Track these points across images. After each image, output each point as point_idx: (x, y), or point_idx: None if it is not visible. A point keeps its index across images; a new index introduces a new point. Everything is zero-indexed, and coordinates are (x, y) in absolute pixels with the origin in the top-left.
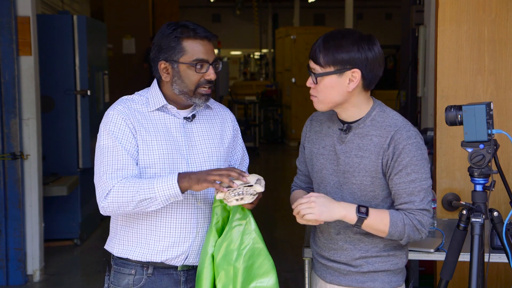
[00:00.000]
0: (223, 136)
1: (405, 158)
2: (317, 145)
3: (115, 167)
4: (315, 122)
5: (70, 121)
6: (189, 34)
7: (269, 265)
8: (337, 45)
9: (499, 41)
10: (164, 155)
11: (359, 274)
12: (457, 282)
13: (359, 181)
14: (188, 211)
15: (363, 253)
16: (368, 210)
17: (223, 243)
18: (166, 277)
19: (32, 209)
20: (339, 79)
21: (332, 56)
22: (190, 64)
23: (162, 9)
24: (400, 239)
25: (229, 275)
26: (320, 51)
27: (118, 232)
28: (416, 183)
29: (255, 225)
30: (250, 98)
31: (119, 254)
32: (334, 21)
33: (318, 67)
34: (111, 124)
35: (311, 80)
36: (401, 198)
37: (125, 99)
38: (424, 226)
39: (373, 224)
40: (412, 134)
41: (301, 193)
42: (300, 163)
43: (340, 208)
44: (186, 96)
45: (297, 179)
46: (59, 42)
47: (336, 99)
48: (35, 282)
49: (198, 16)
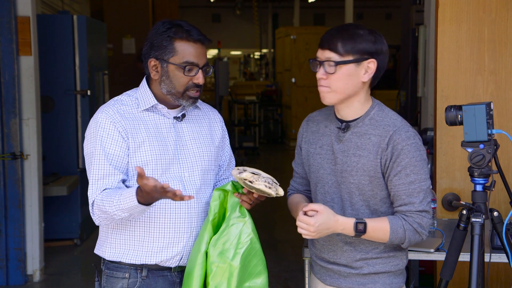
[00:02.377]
0: (213, 136)
1: (404, 159)
2: (314, 145)
3: (97, 177)
4: (312, 123)
5: (70, 121)
6: (182, 35)
7: (262, 266)
8: (356, 34)
9: (499, 41)
10: (156, 156)
11: (359, 276)
12: (457, 282)
13: (357, 180)
14: (181, 211)
15: (363, 254)
16: (366, 226)
17: (220, 240)
18: (161, 279)
19: (32, 209)
20: (356, 69)
21: (352, 44)
22: (179, 66)
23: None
24: (401, 244)
25: (224, 272)
26: (338, 39)
27: (110, 235)
28: (416, 184)
29: (253, 225)
30: (250, 98)
31: (111, 258)
32: (334, 21)
33: (337, 56)
34: (99, 129)
35: (322, 70)
36: (400, 200)
37: (114, 100)
38: (424, 228)
39: (373, 236)
40: (411, 134)
41: (298, 198)
42: (297, 165)
43: (337, 226)
44: (173, 97)
45: (294, 182)
46: (59, 42)
47: (349, 90)
48: (35, 282)
49: (198, 16)
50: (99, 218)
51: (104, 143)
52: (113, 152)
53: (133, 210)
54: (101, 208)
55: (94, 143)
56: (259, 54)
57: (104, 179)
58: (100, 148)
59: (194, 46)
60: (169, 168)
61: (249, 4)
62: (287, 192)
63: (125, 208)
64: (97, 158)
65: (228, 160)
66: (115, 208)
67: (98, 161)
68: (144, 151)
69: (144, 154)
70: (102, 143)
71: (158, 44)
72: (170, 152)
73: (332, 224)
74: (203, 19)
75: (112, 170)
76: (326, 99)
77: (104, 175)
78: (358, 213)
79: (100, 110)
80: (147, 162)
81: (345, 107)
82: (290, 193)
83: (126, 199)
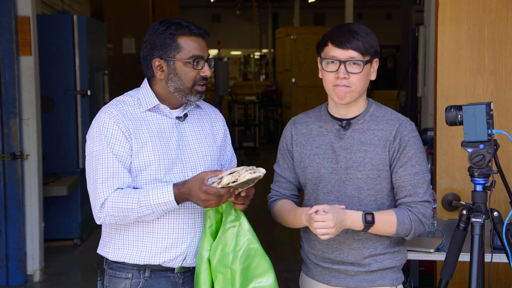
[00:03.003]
0: (215, 135)
1: (411, 150)
2: (309, 146)
3: (106, 175)
4: (300, 125)
5: (70, 121)
6: (183, 31)
7: (266, 264)
8: (368, 34)
9: (499, 41)
10: (159, 156)
11: (368, 274)
12: (457, 282)
13: (365, 175)
14: (185, 211)
15: (372, 251)
16: (373, 216)
17: (218, 246)
18: (163, 280)
19: (32, 209)
20: (369, 68)
21: (369, 44)
22: (187, 61)
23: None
24: (407, 235)
25: (227, 278)
26: (359, 39)
27: (113, 236)
28: (420, 175)
29: (248, 226)
30: (250, 98)
31: (114, 258)
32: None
33: (360, 55)
34: (103, 129)
35: (343, 69)
36: (405, 191)
37: (116, 101)
38: (428, 218)
39: (381, 228)
40: (413, 127)
41: (289, 204)
42: (282, 170)
43: (347, 220)
44: (181, 93)
45: (279, 187)
46: (59, 42)
47: (364, 88)
48: (35, 282)
49: (198, 16)
50: (108, 217)
51: (110, 143)
52: (118, 151)
53: (161, 207)
54: (117, 206)
55: (99, 142)
56: (259, 54)
57: (114, 178)
58: (107, 147)
59: (197, 40)
60: (173, 168)
61: (249, 4)
62: (269, 198)
63: (154, 204)
64: (105, 157)
65: (230, 159)
66: (141, 204)
67: (107, 160)
68: (147, 152)
69: (147, 155)
70: (109, 143)
71: (161, 43)
72: (173, 152)
73: (343, 217)
74: (203, 19)
75: (122, 169)
76: (347, 99)
77: (114, 174)
78: (366, 208)
79: (103, 110)
80: (150, 162)
81: (351, 105)
82: (274, 199)
83: (159, 195)
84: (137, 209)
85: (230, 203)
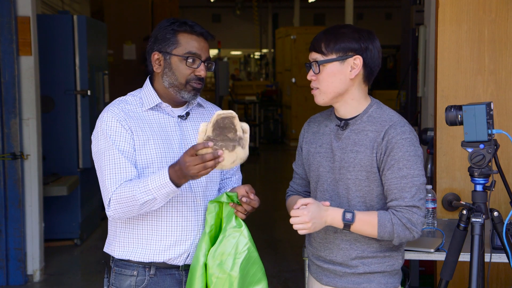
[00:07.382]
0: None
1: (398, 153)
2: (314, 144)
3: (114, 171)
4: (313, 124)
5: (70, 121)
6: (186, 28)
7: (261, 273)
8: (339, 33)
9: (499, 41)
10: (162, 155)
11: (355, 276)
12: (457, 282)
13: (354, 176)
14: (188, 208)
15: (359, 253)
16: (354, 215)
17: (218, 251)
18: (168, 277)
19: (32, 209)
20: (342, 66)
21: (334, 43)
22: (182, 57)
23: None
24: (391, 240)
25: (224, 283)
26: (322, 40)
27: (118, 234)
28: (408, 179)
29: (249, 235)
30: (250, 98)
31: (120, 256)
32: (334, 21)
33: (320, 56)
34: (106, 127)
35: (311, 72)
36: (392, 194)
37: (119, 100)
38: (415, 225)
39: (361, 228)
40: (406, 130)
41: (296, 199)
42: (297, 166)
43: (327, 216)
44: (175, 89)
45: (293, 183)
46: (59, 42)
47: (338, 88)
48: (35, 282)
49: (198, 16)
50: (116, 214)
51: (114, 140)
52: (124, 147)
53: (160, 191)
54: (122, 196)
55: (104, 141)
56: (259, 54)
57: (121, 173)
58: (112, 144)
59: (197, 39)
60: None
61: (249, 4)
62: (286, 194)
63: (152, 188)
64: (110, 153)
65: None
66: (141, 190)
67: (113, 156)
68: (149, 150)
69: (149, 153)
70: (113, 140)
71: (162, 37)
72: (175, 150)
73: (323, 213)
74: (203, 19)
75: (128, 164)
76: (317, 99)
77: (121, 169)
78: (355, 209)
79: (106, 109)
80: (152, 160)
81: (341, 105)
82: (289, 194)
83: (155, 178)
84: (139, 196)
85: (232, 211)
